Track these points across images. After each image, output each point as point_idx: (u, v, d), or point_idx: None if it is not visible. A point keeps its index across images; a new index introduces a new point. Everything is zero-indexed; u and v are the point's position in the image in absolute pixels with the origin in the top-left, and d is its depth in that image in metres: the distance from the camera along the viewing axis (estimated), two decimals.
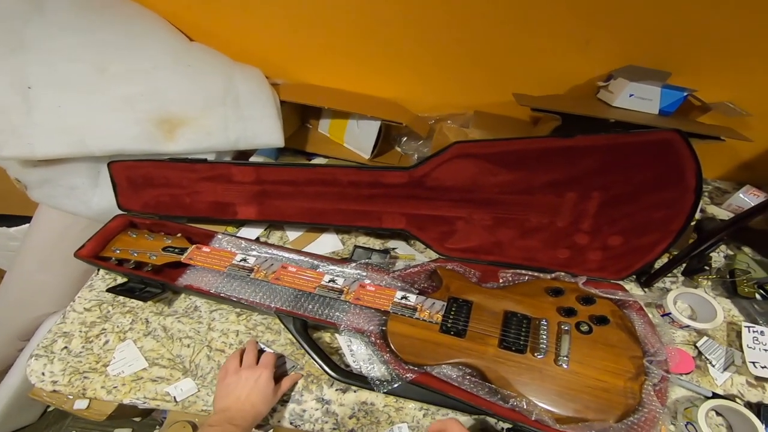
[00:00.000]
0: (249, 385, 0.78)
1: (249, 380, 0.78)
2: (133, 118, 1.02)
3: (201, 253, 0.97)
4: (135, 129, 1.02)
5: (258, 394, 0.77)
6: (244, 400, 0.76)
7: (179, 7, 1.15)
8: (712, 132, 1.00)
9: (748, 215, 0.92)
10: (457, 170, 0.96)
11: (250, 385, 0.78)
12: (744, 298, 1.03)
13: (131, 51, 1.05)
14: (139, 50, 1.06)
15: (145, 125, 1.03)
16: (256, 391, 0.78)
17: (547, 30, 1.05)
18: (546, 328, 0.86)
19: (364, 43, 1.16)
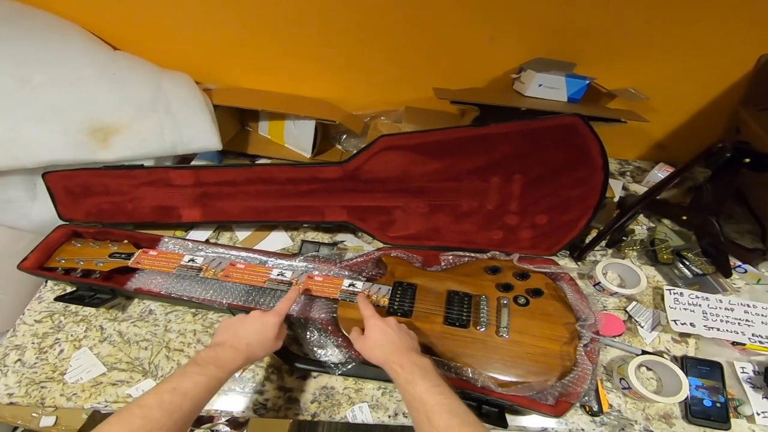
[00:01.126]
0: (252, 324, 0.79)
1: (255, 321, 0.80)
2: (63, 128, 1.05)
3: (148, 256, 1.03)
4: (66, 139, 1.06)
5: (257, 335, 0.78)
6: (242, 337, 0.77)
7: (100, 18, 1.19)
8: (613, 115, 1.15)
9: (657, 189, 1.06)
10: (387, 162, 1.07)
11: (252, 325, 0.79)
12: (664, 264, 1.18)
13: (53, 62, 1.08)
14: (61, 61, 1.09)
15: (76, 135, 1.06)
16: (255, 331, 0.78)
17: (455, 29, 1.18)
18: (486, 303, 0.97)
19: (293, 46, 1.25)
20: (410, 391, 0.69)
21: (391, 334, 0.80)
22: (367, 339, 0.82)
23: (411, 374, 0.71)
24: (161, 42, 1.25)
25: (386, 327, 0.81)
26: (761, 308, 1.06)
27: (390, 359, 0.75)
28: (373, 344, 0.80)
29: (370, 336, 0.81)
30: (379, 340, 0.80)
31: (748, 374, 0.98)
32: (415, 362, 0.73)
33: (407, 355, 0.75)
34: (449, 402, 0.66)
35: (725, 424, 0.91)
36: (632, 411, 0.92)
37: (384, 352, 0.78)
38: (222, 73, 1.35)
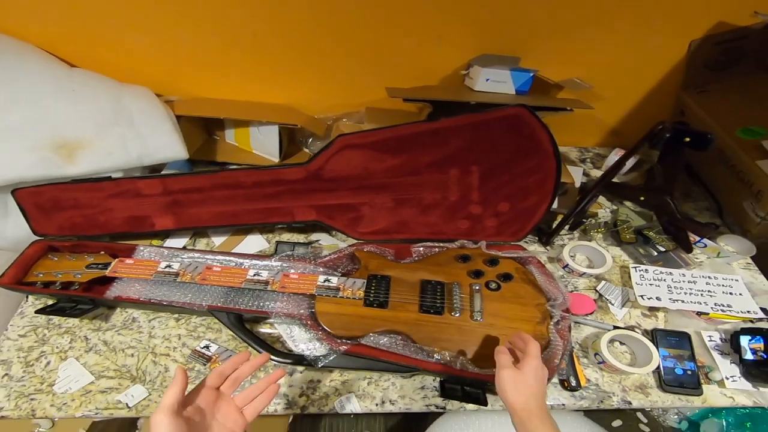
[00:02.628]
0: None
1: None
2: (26, 146, 1.11)
3: (125, 265, 1.10)
4: (31, 156, 1.11)
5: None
6: None
7: (54, 37, 1.25)
8: (559, 104, 1.28)
9: (610, 172, 1.19)
10: (348, 160, 1.16)
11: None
12: (628, 243, 1.30)
13: (10, 81, 1.13)
14: (18, 80, 1.14)
15: (40, 152, 1.12)
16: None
17: (403, 30, 1.30)
18: (459, 290, 1.08)
19: (250, 55, 1.34)
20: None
21: (540, 382, 0.80)
22: (521, 378, 0.79)
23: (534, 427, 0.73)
24: (119, 57, 1.31)
25: (540, 372, 0.81)
26: (722, 279, 1.18)
27: (530, 410, 0.75)
28: (524, 389, 0.78)
29: (525, 380, 0.79)
30: (532, 386, 0.78)
31: (715, 342, 1.10)
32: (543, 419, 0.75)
33: (541, 412, 0.76)
34: None
35: (697, 390, 1.01)
36: (609, 384, 1.03)
37: (529, 402, 0.76)
38: (182, 85, 1.42)
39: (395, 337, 0.99)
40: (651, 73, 1.47)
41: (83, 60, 1.30)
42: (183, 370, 0.70)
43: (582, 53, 1.37)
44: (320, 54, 1.34)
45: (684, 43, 1.37)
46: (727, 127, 1.34)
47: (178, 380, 0.68)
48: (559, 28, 1.30)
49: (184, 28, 1.25)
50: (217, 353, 1.03)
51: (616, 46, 1.35)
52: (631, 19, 1.29)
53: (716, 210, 1.42)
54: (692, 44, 1.37)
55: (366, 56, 1.36)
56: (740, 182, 1.30)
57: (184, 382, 0.69)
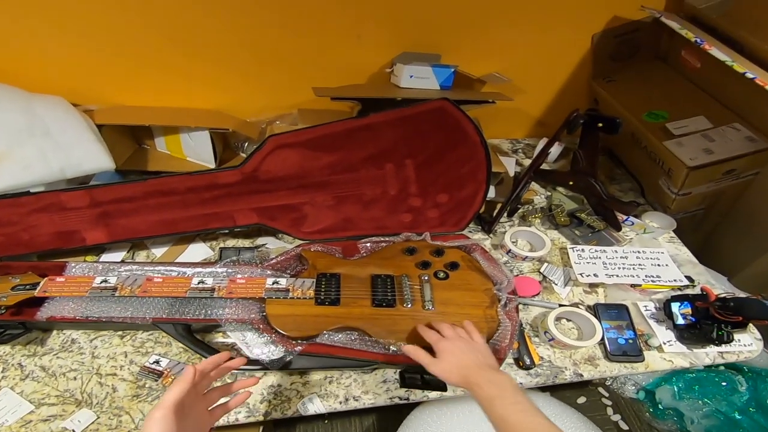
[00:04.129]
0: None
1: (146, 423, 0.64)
2: None
3: (55, 284, 1.02)
4: None
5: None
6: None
7: None
8: (480, 97, 1.33)
9: (537, 159, 1.26)
10: (283, 160, 1.15)
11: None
12: (564, 226, 1.35)
13: None
14: None
15: None
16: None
17: (323, 30, 1.31)
18: (408, 281, 1.08)
19: (174, 58, 1.31)
20: (491, 411, 0.73)
21: (461, 355, 0.85)
22: (441, 363, 0.85)
23: (488, 393, 0.75)
24: (27, 67, 1.24)
25: (456, 349, 0.86)
26: (650, 252, 1.25)
27: (468, 381, 0.79)
28: (451, 366, 0.84)
29: (446, 359, 0.85)
30: (456, 362, 0.84)
31: (650, 311, 1.16)
32: (491, 380, 0.77)
33: (483, 374, 0.79)
34: (530, 419, 0.70)
35: (639, 356, 1.07)
36: (561, 359, 1.06)
37: (461, 374, 0.81)
38: (100, 93, 1.35)
39: (351, 334, 0.98)
40: (564, 66, 1.55)
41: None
42: (193, 369, 0.69)
43: (498, 49, 1.43)
44: (250, 56, 1.32)
45: (587, 36, 1.46)
46: (635, 111, 1.44)
47: (187, 378, 0.68)
48: (473, 25, 1.35)
49: (99, 32, 1.19)
50: (168, 367, 0.97)
51: (528, 42, 1.43)
52: (538, 15, 1.36)
53: (639, 190, 1.52)
54: (594, 37, 1.47)
55: (292, 58, 1.35)
56: (653, 162, 1.39)
57: (191, 381, 0.68)
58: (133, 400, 0.93)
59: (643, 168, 1.48)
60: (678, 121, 1.36)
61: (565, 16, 1.38)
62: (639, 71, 1.57)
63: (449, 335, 0.90)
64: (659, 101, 1.45)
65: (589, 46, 1.48)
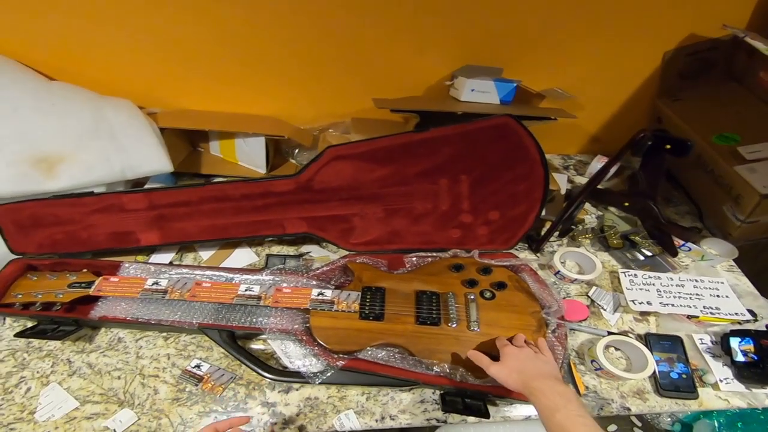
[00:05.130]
0: None
1: None
2: (5, 161, 1.06)
3: (109, 283, 1.04)
4: (8, 171, 1.06)
5: None
6: None
7: (33, 50, 1.19)
8: (542, 114, 1.27)
9: (595, 179, 1.18)
10: (337, 171, 1.13)
11: None
12: (616, 249, 1.28)
13: None
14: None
15: (19, 167, 1.07)
16: None
17: (385, 44, 1.29)
18: (454, 300, 1.04)
19: (235, 66, 1.31)
20: (552, 419, 0.72)
21: (526, 361, 0.85)
22: (504, 365, 0.86)
23: (553, 402, 0.74)
24: (99, 70, 1.26)
25: (521, 354, 0.87)
26: (708, 282, 1.18)
27: (531, 385, 0.79)
28: (510, 369, 0.84)
29: (508, 363, 0.86)
30: (518, 366, 0.84)
31: (707, 345, 1.09)
32: (556, 390, 0.77)
33: (548, 383, 0.79)
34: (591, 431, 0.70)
35: (693, 393, 1.00)
36: (607, 390, 1.01)
37: (523, 377, 0.82)
38: (165, 97, 1.37)
39: (392, 350, 0.96)
40: (628, 83, 1.48)
41: (62, 72, 1.23)
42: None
43: (562, 64, 1.38)
44: (306, 64, 1.31)
45: (658, 53, 1.39)
46: (703, 133, 1.35)
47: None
48: (539, 40, 1.31)
49: (167, 38, 1.20)
50: (209, 372, 0.97)
51: (595, 57, 1.37)
52: (608, 31, 1.30)
53: (697, 214, 1.43)
54: (666, 55, 1.39)
55: (351, 67, 1.33)
56: (719, 187, 1.31)
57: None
58: (173, 403, 0.93)
59: (705, 192, 1.40)
60: (751, 146, 1.27)
61: (637, 32, 1.32)
62: (709, 91, 1.48)
63: (519, 344, 0.91)
64: (730, 123, 1.36)
65: (659, 62, 1.41)
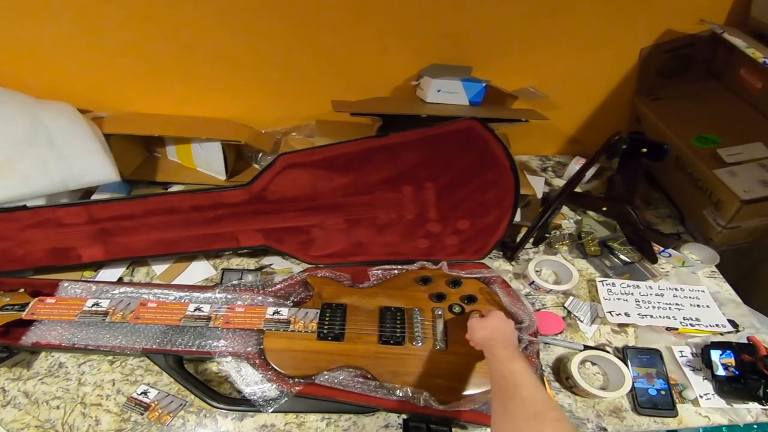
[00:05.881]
0: None
1: None
2: None
3: (45, 305, 0.96)
4: None
5: None
6: None
7: None
8: (513, 115, 1.22)
9: (570, 183, 1.13)
10: (293, 180, 1.07)
11: None
12: (594, 256, 1.23)
13: None
14: None
15: None
16: None
17: (348, 40, 1.21)
18: (420, 315, 0.98)
19: (188, 65, 1.23)
20: (507, 366, 0.73)
21: (506, 327, 0.85)
22: (484, 320, 0.87)
23: (512, 355, 0.75)
24: (35, 71, 1.18)
25: (504, 318, 0.88)
26: (689, 290, 1.12)
27: (495, 338, 0.81)
28: (485, 323, 0.86)
29: (489, 319, 0.87)
30: (494, 324, 0.85)
31: (686, 357, 1.03)
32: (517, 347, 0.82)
33: (513, 344, 0.82)
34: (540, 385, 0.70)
35: (672, 411, 0.95)
36: (583, 409, 0.94)
37: (492, 333, 0.83)
38: (112, 99, 1.29)
39: (353, 373, 0.89)
40: (605, 81, 1.42)
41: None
42: None
43: (535, 62, 1.32)
44: (268, 64, 1.24)
45: (635, 50, 1.34)
46: (682, 134, 1.29)
47: None
48: (510, 37, 1.24)
49: (111, 35, 1.12)
50: (156, 399, 0.90)
51: (569, 54, 1.31)
52: (583, 27, 1.25)
53: (678, 217, 1.37)
54: (643, 51, 1.34)
55: (311, 67, 1.26)
56: (699, 190, 1.25)
57: None
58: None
59: (685, 195, 1.34)
60: (731, 147, 1.22)
61: (613, 28, 1.26)
62: (688, 90, 1.42)
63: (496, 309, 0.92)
64: (710, 124, 1.30)
65: (636, 60, 1.35)
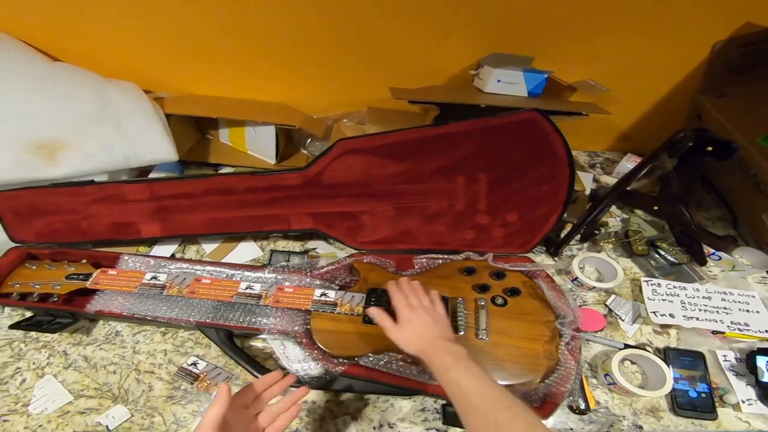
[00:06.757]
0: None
1: None
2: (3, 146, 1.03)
3: (107, 276, 1.00)
4: (7, 157, 1.03)
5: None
6: None
7: (36, 28, 1.15)
8: (574, 108, 1.17)
9: (624, 181, 1.09)
10: (348, 166, 1.07)
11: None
12: (640, 255, 1.20)
13: None
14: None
15: (18, 153, 1.03)
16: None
17: (409, 26, 1.18)
18: (463, 305, 0.98)
19: (245, 49, 1.24)
20: (445, 377, 0.73)
21: (424, 328, 0.83)
22: (402, 331, 0.84)
23: (444, 362, 0.75)
24: (105, 51, 1.21)
25: (419, 320, 0.84)
26: (738, 295, 1.08)
27: (425, 350, 0.79)
28: (408, 336, 0.83)
29: (406, 329, 0.84)
30: (413, 333, 0.83)
31: (730, 362, 1.00)
32: (447, 350, 0.77)
33: (440, 345, 0.79)
34: (482, 383, 0.71)
35: (711, 414, 0.92)
36: (619, 406, 0.94)
37: (419, 345, 0.81)
38: (173, 81, 1.32)
39: (395, 357, 0.91)
40: (669, 76, 1.35)
41: (66, 53, 1.19)
42: (227, 387, 0.68)
43: (599, 54, 1.25)
44: (321, 50, 1.24)
45: (707, 44, 1.25)
46: (748, 134, 1.22)
47: (222, 398, 0.67)
48: (575, 27, 1.19)
49: (177, 18, 1.14)
50: (205, 371, 0.94)
51: (636, 47, 1.24)
52: (653, 17, 1.17)
53: (730, 220, 1.32)
54: (716, 45, 1.25)
55: (369, 54, 1.25)
56: (759, 193, 1.19)
57: (227, 400, 0.67)
58: (167, 401, 0.90)
59: (742, 197, 1.28)
60: None
61: (685, 19, 1.18)
62: (758, 88, 1.33)
63: (415, 304, 0.87)
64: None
65: (706, 54, 1.27)
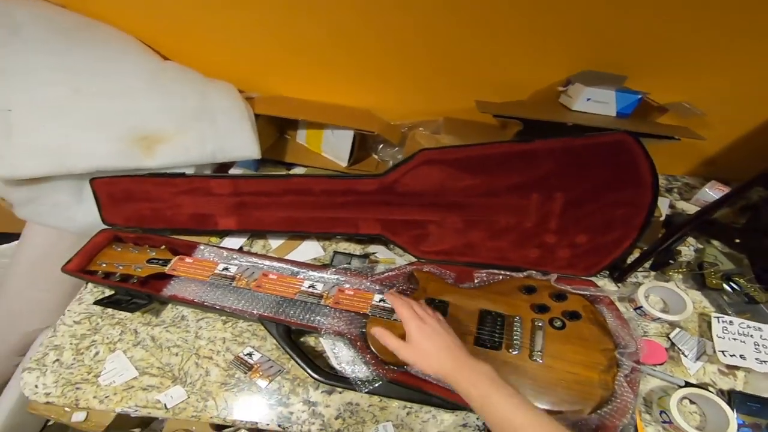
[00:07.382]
0: None
1: None
2: (110, 136, 1.11)
3: (184, 263, 1.06)
4: (112, 147, 1.11)
5: None
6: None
7: (152, 29, 1.25)
8: (666, 132, 1.11)
9: (709, 210, 1.02)
10: (425, 176, 1.07)
11: None
12: (713, 289, 1.12)
13: (105, 73, 1.14)
14: (112, 71, 1.15)
15: (122, 143, 1.11)
16: None
17: (503, 39, 1.16)
18: (520, 324, 0.96)
19: (334, 54, 1.27)
20: (491, 411, 0.67)
21: (439, 340, 0.77)
22: (416, 349, 0.77)
23: (483, 389, 0.69)
24: (208, 53, 1.29)
25: (432, 332, 0.78)
26: None
27: (453, 374, 0.73)
28: (426, 355, 0.76)
29: (420, 346, 0.77)
30: (432, 350, 0.76)
31: None
32: (481, 372, 0.72)
33: (468, 365, 0.73)
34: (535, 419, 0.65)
35: None
36: None
37: (442, 365, 0.74)
38: (264, 82, 1.38)
39: None
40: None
41: (175, 52, 1.29)
42: None
43: (696, 74, 1.17)
44: (410, 59, 1.25)
45: None
46: None
47: None
48: (674, 46, 1.12)
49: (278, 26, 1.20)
50: (259, 362, 0.97)
51: (741, 68, 1.14)
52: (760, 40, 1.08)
53: None
54: None
55: (453, 65, 1.24)
56: None
57: None
58: (221, 387, 0.94)
59: None
60: None
61: None
62: None
63: (421, 314, 0.81)
64: None
65: None
